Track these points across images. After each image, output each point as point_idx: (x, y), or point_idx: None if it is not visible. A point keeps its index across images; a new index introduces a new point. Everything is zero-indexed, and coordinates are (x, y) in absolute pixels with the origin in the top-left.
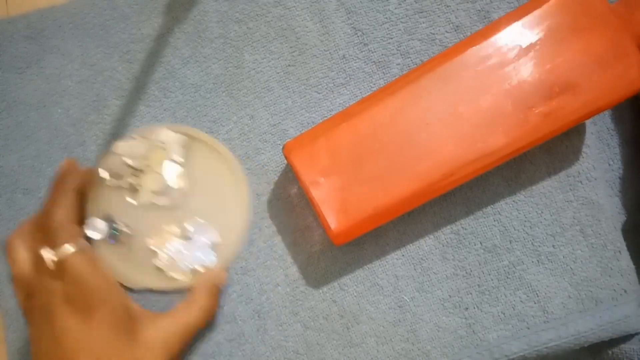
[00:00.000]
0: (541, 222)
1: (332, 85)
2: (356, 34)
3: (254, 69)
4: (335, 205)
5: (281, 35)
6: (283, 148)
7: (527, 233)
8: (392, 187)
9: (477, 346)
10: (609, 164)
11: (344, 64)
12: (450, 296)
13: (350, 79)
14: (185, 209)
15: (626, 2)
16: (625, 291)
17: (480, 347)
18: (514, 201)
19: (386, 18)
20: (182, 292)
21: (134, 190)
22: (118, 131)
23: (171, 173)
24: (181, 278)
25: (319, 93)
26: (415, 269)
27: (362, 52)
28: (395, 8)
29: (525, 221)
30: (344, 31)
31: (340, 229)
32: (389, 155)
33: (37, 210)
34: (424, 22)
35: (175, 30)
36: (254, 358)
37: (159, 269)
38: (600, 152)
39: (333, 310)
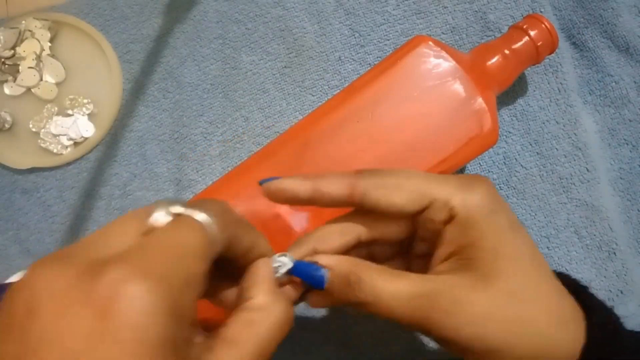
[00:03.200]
0: (535, 224)
1: (327, 87)
2: (353, 35)
3: (251, 70)
4: None
5: (279, 36)
6: None
7: None
8: None
9: None
10: (610, 164)
11: (340, 65)
12: None
13: (344, 81)
14: (61, 90)
15: (479, 50)
16: (622, 292)
17: None
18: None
19: (384, 19)
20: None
21: (8, 79)
22: (117, 132)
23: (49, 70)
24: (64, 152)
25: (314, 95)
26: None
27: (358, 53)
28: (394, 9)
29: None
30: (341, 32)
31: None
32: None
33: None
34: (421, 24)
35: (175, 31)
36: None
37: (43, 148)
38: (599, 153)
39: (329, 311)
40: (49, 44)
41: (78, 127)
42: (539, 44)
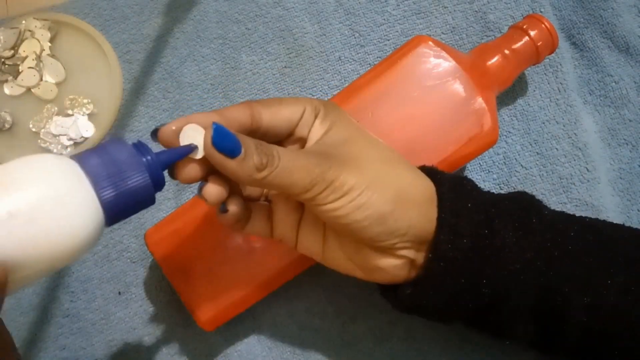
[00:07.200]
0: None
1: (327, 87)
2: (353, 35)
3: (251, 70)
4: (202, 293)
5: (279, 36)
6: (144, 237)
7: None
8: (256, 267)
9: (475, 345)
10: (610, 164)
11: (340, 65)
12: None
13: (344, 81)
14: (61, 90)
15: (479, 50)
16: None
17: (479, 347)
18: None
19: (384, 19)
20: None
21: (8, 79)
22: (117, 132)
23: (49, 70)
24: (64, 152)
25: (314, 95)
26: None
27: (358, 53)
28: (394, 9)
29: None
30: (341, 32)
31: (209, 317)
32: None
33: None
34: (421, 24)
35: (175, 31)
36: (250, 358)
37: (43, 148)
38: (599, 153)
39: (329, 311)
40: (49, 44)
41: (78, 127)
42: (539, 44)
